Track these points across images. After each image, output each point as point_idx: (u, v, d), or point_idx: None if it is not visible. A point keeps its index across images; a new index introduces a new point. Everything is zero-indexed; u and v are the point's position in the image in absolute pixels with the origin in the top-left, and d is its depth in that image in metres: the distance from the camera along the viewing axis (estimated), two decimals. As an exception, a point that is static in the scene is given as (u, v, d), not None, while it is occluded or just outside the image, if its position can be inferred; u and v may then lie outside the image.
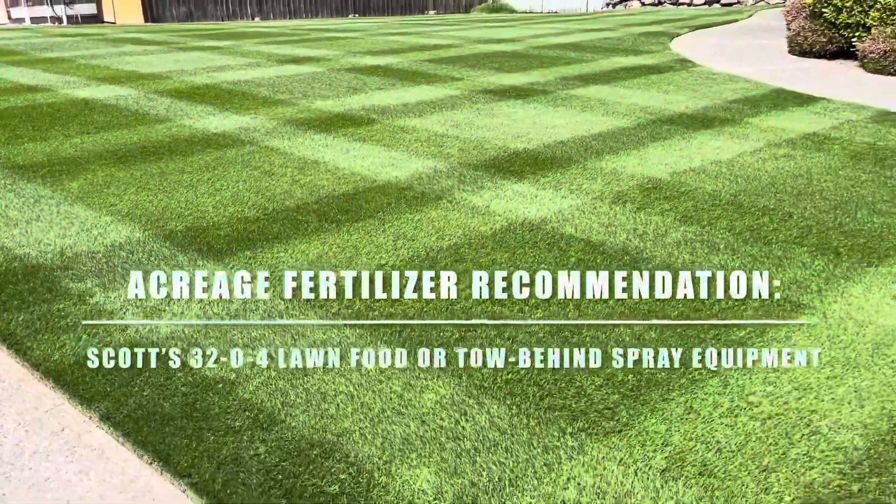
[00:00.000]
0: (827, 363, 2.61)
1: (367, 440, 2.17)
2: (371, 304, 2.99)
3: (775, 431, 2.21)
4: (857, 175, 4.83)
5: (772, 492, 1.99)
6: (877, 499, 1.97)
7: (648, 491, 1.99)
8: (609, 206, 4.22)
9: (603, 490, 1.99)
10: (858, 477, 2.04)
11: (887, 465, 2.09)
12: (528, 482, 2.01)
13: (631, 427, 2.23)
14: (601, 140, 5.73)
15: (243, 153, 5.29)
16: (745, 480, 2.03)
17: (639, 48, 11.66)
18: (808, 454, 2.13)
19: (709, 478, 2.04)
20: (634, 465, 2.08)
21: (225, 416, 2.26)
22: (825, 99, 7.34)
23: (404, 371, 2.52)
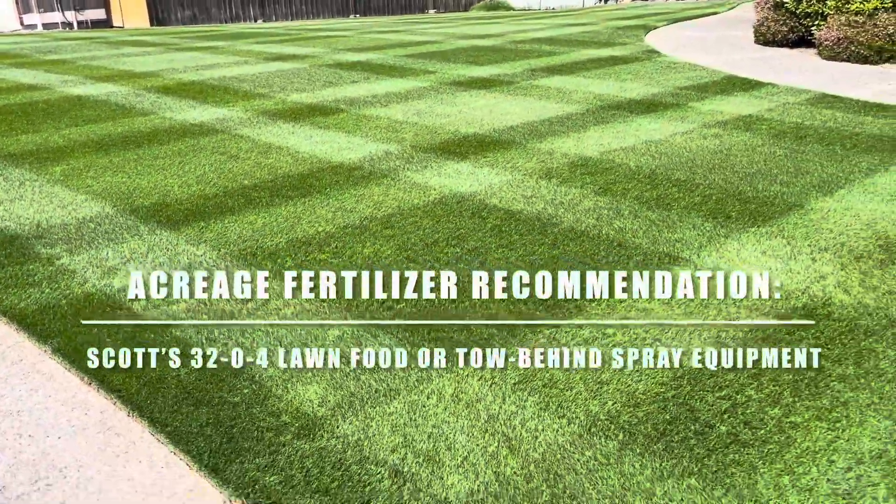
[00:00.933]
0: (683, 304, 2.98)
1: (273, 365, 2.56)
2: (301, 262, 3.38)
3: (620, 355, 2.58)
4: (773, 151, 5.17)
5: (599, 397, 2.36)
6: (685, 401, 2.34)
7: (497, 397, 2.36)
8: (536, 181, 4.59)
9: (459, 397, 2.37)
10: (676, 386, 2.41)
11: (703, 378, 2.46)
12: (399, 393, 2.40)
13: (499, 353, 2.60)
14: (548, 124, 6.09)
15: (215, 141, 5.69)
16: (580, 389, 2.41)
17: (613, 41, 11.98)
18: (640, 371, 2.50)
19: (551, 388, 2.42)
20: (491, 380, 2.46)
21: (154, 344, 2.65)
22: (771, 84, 7.66)
23: (317, 313, 2.91)
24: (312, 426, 2.23)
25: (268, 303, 3.01)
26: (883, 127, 5.77)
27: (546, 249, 3.52)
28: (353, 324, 2.83)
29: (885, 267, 3.29)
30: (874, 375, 2.45)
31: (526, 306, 2.94)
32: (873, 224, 3.78)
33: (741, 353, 2.57)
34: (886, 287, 3.09)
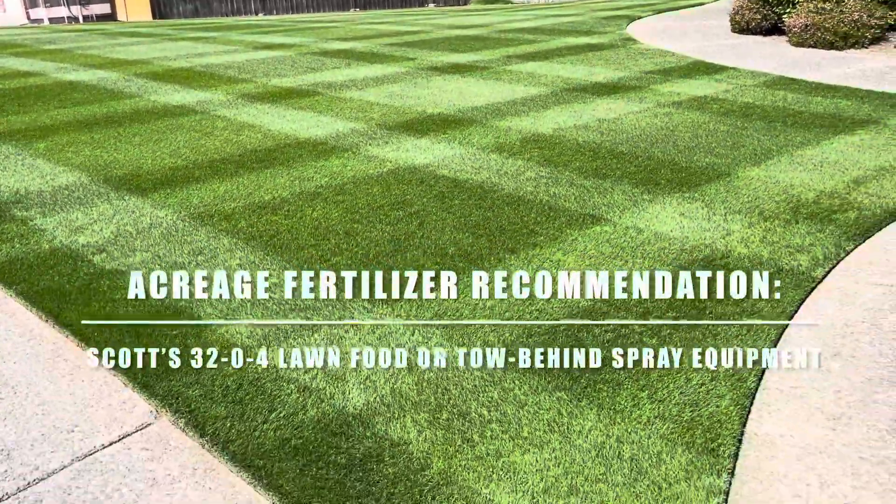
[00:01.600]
0: (598, 254, 3.22)
1: (210, 304, 2.82)
2: (254, 223, 3.64)
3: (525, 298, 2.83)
4: (717, 128, 5.40)
5: (498, 330, 2.61)
6: (574, 333, 2.58)
7: (409, 330, 2.61)
8: (486, 154, 4.83)
9: (375, 331, 2.62)
10: (569, 322, 2.66)
11: (596, 315, 2.70)
12: (321, 328, 2.65)
13: (419, 295, 2.86)
14: (511, 105, 6.33)
15: (193, 120, 5.94)
16: (483, 324, 2.66)
17: (594, 30, 12.17)
18: (540, 309, 2.75)
19: (459, 323, 2.67)
20: (407, 316, 2.71)
21: (108, 288, 2.91)
22: (733, 68, 7.87)
23: (257, 264, 3.16)
24: (238, 353, 2.49)
25: (215, 255, 3.27)
26: (827, 106, 5.98)
27: (482, 212, 3.77)
28: (292, 275, 3.08)
29: (789, 226, 3.52)
30: (749, 313, 2.70)
31: (452, 260, 3.19)
32: (789, 189, 4.01)
33: (641, 296, 2.82)
34: (784, 242, 3.33)
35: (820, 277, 3.01)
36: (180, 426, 2.13)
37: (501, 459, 1.95)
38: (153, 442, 2.08)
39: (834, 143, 4.89)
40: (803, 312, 2.74)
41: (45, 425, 2.17)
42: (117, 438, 2.09)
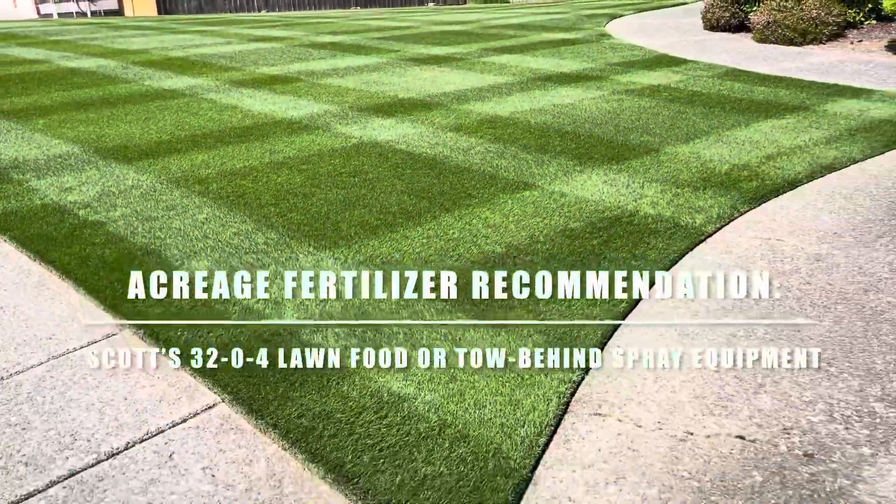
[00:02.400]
0: (521, 213, 3.60)
1: (176, 247, 3.20)
2: (224, 186, 4.03)
3: (453, 248, 3.21)
4: (660, 112, 5.77)
5: (426, 267, 2.99)
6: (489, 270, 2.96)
7: (347, 270, 3.00)
8: (444, 133, 5.21)
9: (315, 270, 3.01)
10: (485, 263, 3.04)
11: (515, 255, 3.08)
12: (269, 265, 3.03)
13: (358, 241, 3.24)
14: (477, 92, 6.70)
15: (181, 102, 6.33)
16: (409, 265, 3.04)
17: (574, 27, 12.53)
18: (464, 252, 3.13)
19: (391, 264, 3.05)
20: (343, 259, 3.09)
21: (90, 237, 3.30)
22: (694, 61, 8.24)
23: (221, 218, 3.55)
24: (197, 285, 2.87)
25: (186, 210, 3.66)
26: (767, 95, 6.35)
27: (429, 180, 4.15)
28: (250, 226, 3.47)
29: (696, 191, 3.90)
30: (639, 258, 3.07)
31: (394, 217, 3.57)
32: (707, 163, 4.39)
33: (549, 245, 3.19)
34: (688, 204, 3.71)
35: (710, 232, 3.39)
36: (140, 336, 2.52)
37: (399, 359, 2.34)
38: (116, 345, 2.47)
39: (762, 126, 5.26)
40: (686, 259, 3.12)
41: (27, 335, 2.56)
42: (86, 343, 2.49)
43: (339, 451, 1.90)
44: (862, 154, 4.54)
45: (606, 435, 1.99)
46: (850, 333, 2.47)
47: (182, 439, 1.99)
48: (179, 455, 1.93)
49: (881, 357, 2.32)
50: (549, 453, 1.93)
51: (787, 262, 3.06)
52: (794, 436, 1.97)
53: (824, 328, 2.51)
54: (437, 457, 1.88)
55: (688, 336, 2.49)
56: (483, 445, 1.92)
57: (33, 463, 1.90)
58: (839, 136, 4.93)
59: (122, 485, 1.82)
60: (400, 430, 1.98)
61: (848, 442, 1.94)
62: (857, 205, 3.70)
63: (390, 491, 1.76)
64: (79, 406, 2.14)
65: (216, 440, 1.98)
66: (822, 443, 1.94)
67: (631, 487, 1.79)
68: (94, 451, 1.94)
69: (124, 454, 1.93)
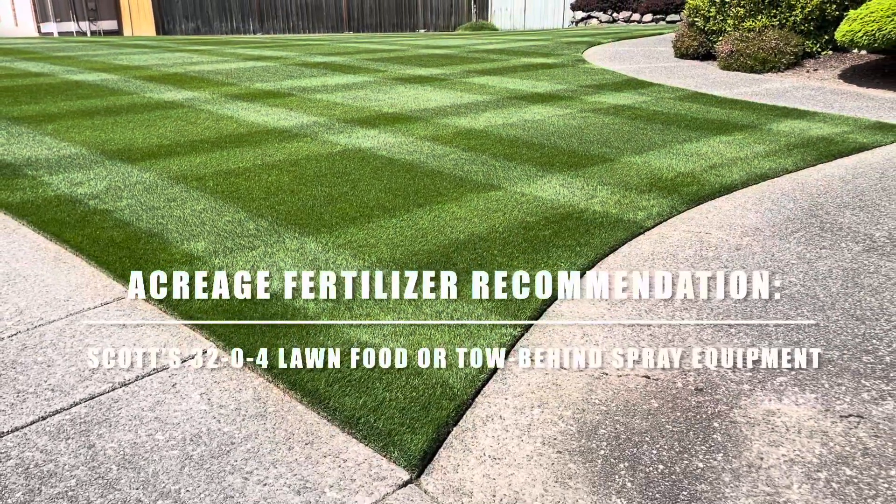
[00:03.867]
0: (485, 209, 3.99)
1: (176, 231, 3.57)
2: (220, 183, 4.40)
3: (422, 235, 3.60)
4: (621, 128, 6.22)
5: (392, 250, 3.37)
6: (446, 254, 3.35)
7: (325, 251, 3.38)
8: (422, 142, 5.62)
9: (300, 250, 3.38)
10: (444, 251, 3.43)
11: (468, 245, 3.47)
12: (258, 247, 3.41)
13: (339, 230, 3.62)
14: (455, 108, 7.14)
15: (180, 112, 6.72)
16: (383, 248, 3.43)
17: (553, 52, 13.06)
18: (428, 240, 3.52)
19: (364, 247, 3.43)
20: (324, 244, 3.47)
21: (101, 221, 3.67)
22: (660, 85, 8.73)
23: (217, 209, 3.92)
24: (194, 260, 3.25)
25: (185, 202, 4.03)
26: (722, 115, 6.82)
27: (405, 181, 4.55)
28: (243, 215, 3.85)
29: (642, 194, 4.32)
30: (582, 245, 3.47)
31: (372, 210, 3.96)
32: (657, 171, 4.82)
33: (507, 234, 3.58)
34: (633, 204, 4.12)
35: (649, 227, 3.80)
36: (144, 297, 2.89)
37: (369, 319, 2.72)
38: (126, 307, 2.83)
39: (711, 141, 5.71)
40: (624, 247, 3.53)
41: (47, 297, 2.92)
42: (100, 304, 2.85)
43: (314, 381, 2.27)
44: (794, 166, 4.98)
45: (536, 374, 2.37)
46: (752, 303, 2.87)
47: (183, 374, 2.35)
48: (181, 385, 2.29)
49: (774, 319, 2.72)
50: (487, 387, 2.31)
51: (710, 250, 3.47)
52: (689, 376, 2.36)
53: (732, 299, 2.91)
54: (395, 386, 2.25)
55: (615, 304, 2.88)
56: (433, 378, 2.29)
57: (59, 389, 2.26)
58: (777, 151, 5.38)
59: (133, 404, 2.18)
60: (365, 368, 2.35)
61: (733, 381, 2.33)
62: (780, 206, 4.13)
63: (355, 409, 2.13)
64: (95, 350, 2.50)
65: (212, 375, 2.35)
66: (712, 381, 2.33)
67: (551, 410, 2.17)
68: (109, 381, 2.30)
69: (135, 384, 2.30)
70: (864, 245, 3.50)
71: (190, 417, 2.11)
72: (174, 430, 2.05)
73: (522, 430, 2.07)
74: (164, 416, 2.12)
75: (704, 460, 1.93)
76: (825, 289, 3.00)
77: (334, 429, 2.07)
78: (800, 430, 2.07)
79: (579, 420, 2.12)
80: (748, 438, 2.03)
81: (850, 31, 8.17)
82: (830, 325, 2.69)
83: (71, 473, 1.86)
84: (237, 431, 2.05)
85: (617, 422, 2.10)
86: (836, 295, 2.94)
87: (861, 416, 2.12)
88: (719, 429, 2.07)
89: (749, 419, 2.12)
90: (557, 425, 2.09)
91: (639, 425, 2.09)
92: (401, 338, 2.56)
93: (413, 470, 1.91)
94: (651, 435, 2.04)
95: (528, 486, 1.86)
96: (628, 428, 2.07)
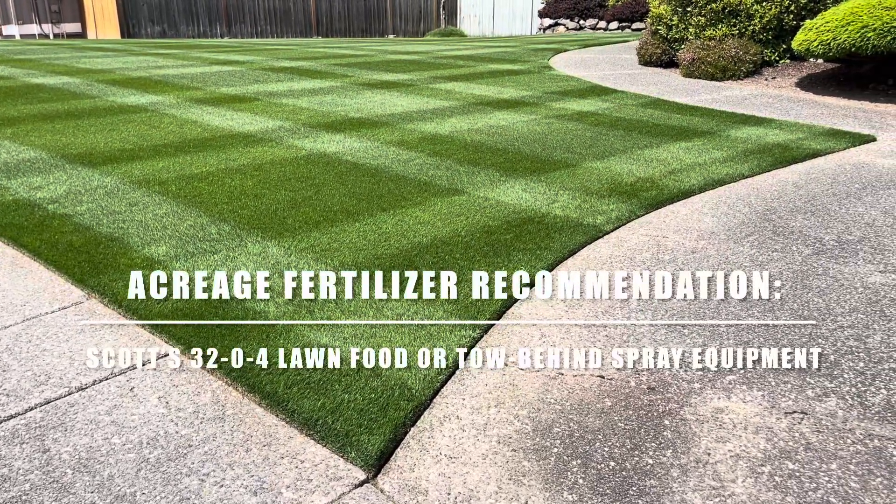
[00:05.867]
0: (448, 213, 4.03)
1: (136, 235, 3.55)
2: (183, 187, 4.38)
3: (386, 238, 3.62)
4: (584, 134, 6.31)
5: (354, 255, 3.39)
6: (410, 259, 3.38)
7: (287, 254, 3.38)
8: (387, 147, 5.65)
9: (262, 254, 3.38)
10: (413, 253, 3.46)
11: (435, 247, 3.50)
12: (220, 251, 3.40)
13: (303, 234, 3.63)
14: (421, 114, 7.18)
15: (143, 117, 6.66)
16: (346, 252, 3.44)
17: (519, 59, 13.18)
18: (395, 242, 3.54)
19: (326, 251, 3.45)
20: (287, 248, 3.48)
21: (60, 226, 3.63)
22: (622, 92, 8.87)
23: (179, 214, 3.90)
24: (155, 264, 3.23)
25: (147, 206, 4.01)
26: (682, 121, 6.96)
27: (370, 186, 4.57)
28: (205, 220, 3.83)
29: (602, 198, 4.40)
30: (542, 248, 3.53)
31: (336, 215, 3.97)
32: (617, 176, 4.90)
33: (469, 238, 3.62)
34: (593, 209, 4.20)
35: (608, 231, 3.87)
36: (104, 303, 2.87)
37: (330, 321, 2.73)
38: (83, 311, 2.81)
39: (671, 147, 5.83)
40: (583, 251, 3.59)
41: (3, 302, 2.88)
42: (57, 309, 2.82)
43: (273, 384, 2.28)
44: (750, 171, 5.11)
45: (494, 375, 2.41)
46: (705, 305, 2.95)
47: (141, 378, 2.35)
48: (139, 389, 2.29)
49: (725, 320, 2.80)
50: (445, 388, 2.34)
51: (667, 253, 3.55)
52: (643, 376, 2.42)
53: (686, 301, 2.99)
54: (354, 387, 2.27)
55: (572, 306, 2.94)
56: (392, 380, 2.32)
57: (14, 394, 2.24)
58: (735, 157, 5.51)
59: (90, 409, 2.17)
60: (325, 370, 2.37)
61: (684, 380, 2.39)
62: (736, 211, 4.24)
63: (313, 411, 2.15)
64: (52, 354, 2.48)
65: (170, 378, 2.35)
66: (665, 380, 2.39)
67: (507, 409, 2.22)
68: (65, 386, 2.29)
69: (92, 388, 2.28)
70: (813, 248, 3.62)
71: (147, 421, 2.11)
72: (131, 433, 2.05)
73: (479, 430, 2.11)
74: (121, 419, 2.12)
75: (654, 457, 1.99)
76: (775, 291, 3.09)
77: (293, 430, 2.08)
78: (746, 426, 2.13)
79: (534, 419, 2.16)
80: (697, 435, 2.09)
81: (806, 41, 8.40)
82: (779, 325, 2.77)
83: (25, 478, 1.85)
84: (195, 434, 2.05)
85: (571, 420, 2.15)
86: (784, 296, 3.04)
87: (805, 412, 2.20)
88: (669, 426, 2.13)
89: (698, 416, 2.18)
90: (513, 424, 2.13)
91: (592, 423, 2.14)
92: (361, 339, 2.59)
93: (370, 470, 1.93)
94: (603, 433, 2.09)
95: (483, 483, 1.89)
96: (582, 426, 2.12)
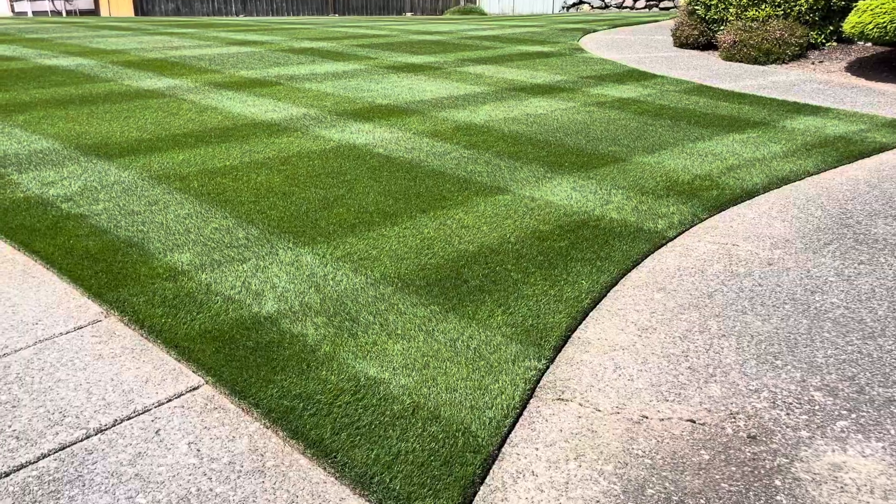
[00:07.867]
0: (493, 215, 3.74)
1: (158, 240, 3.29)
2: (205, 184, 4.11)
3: (427, 245, 3.34)
4: (628, 123, 5.97)
5: (396, 264, 3.11)
6: (456, 269, 3.09)
7: (323, 264, 3.11)
8: (420, 138, 5.34)
9: (294, 263, 3.11)
10: (453, 264, 3.18)
11: (477, 259, 3.22)
12: (249, 259, 3.13)
13: (334, 242, 3.35)
14: (453, 100, 6.85)
15: (161, 102, 6.39)
16: (384, 261, 3.16)
17: (548, 40, 12.77)
18: (433, 252, 3.26)
19: (365, 261, 3.17)
20: (322, 256, 3.20)
21: (75, 229, 3.37)
22: (662, 77, 8.48)
23: (202, 214, 3.64)
24: (178, 275, 2.97)
25: (168, 206, 3.74)
26: (731, 110, 6.59)
27: (405, 183, 4.28)
28: (231, 222, 3.56)
29: (660, 199, 4.08)
30: (603, 259, 3.23)
31: (372, 216, 3.69)
32: (672, 173, 4.58)
33: (519, 245, 3.33)
34: (651, 211, 3.88)
35: (671, 237, 3.56)
36: (124, 322, 2.61)
37: (375, 347, 2.46)
38: (101, 332, 2.55)
39: (724, 139, 5.48)
40: (647, 261, 3.29)
41: (14, 320, 2.63)
42: (73, 328, 2.57)
43: (318, 428, 2.01)
44: (816, 168, 4.76)
45: (568, 418, 2.13)
46: (795, 331, 2.64)
47: (167, 417, 2.09)
48: (165, 431, 2.02)
49: (822, 352, 2.49)
50: (514, 433, 2.06)
51: (741, 265, 3.23)
52: (739, 420, 2.12)
53: (772, 325, 2.68)
54: (411, 434, 2.00)
55: (645, 329, 2.64)
56: (454, 425, 2.04)
57: (24, 437, 1.98)
58: (795, 151, 5.16)
59: (111, 457, 1.91)
60: (376, 411, 2.09)
61: (788, 426, 2.10)
62: (808, 214, 3.91)
63: (366, 464, 1.88)
64: (67, 386, 2.22)
65: (200, 418, 2.08)
66: (765, 426, 2.10)
67: (589, 464, 1.93)
68: (82, 427, 2.03)
69: (112, 430, 2.03)
70: (904, 260, 3.29)
71: (176, 474, 1.85)
72: (158, 490, 1.79)
73: (559, 491, 1.83)
74: (146, 472, 1.86)
75: (771, 530, 1.70)
76: (871, 312, 2.78)
77: (344, 489, 1.81)
78: (872, 489, 1.84)
79: (622, 477, 1.88)
80: (816, 501, 1.80)
81: (859, 23, 7.97)
82: (884, 355, 2.47)
83: (36, 552, 1.60)
84: (232, 493, 1.79)
85: (665, 479, 1.87)
86: (884, 319, 2.72)
87: (938, 471, 1.90)
88: (782, 488, 1.84)
89: (814, 476, 1.89)
90: (599, 483, 1.85)
91: (691, 484, 1.85)
92: (413, 372, 2.31)
93: (438, 544, 1.66)
94: (706, 496, 1.81)
95: (573, 564, 1.62)
96: (679, 488, 1.84)
